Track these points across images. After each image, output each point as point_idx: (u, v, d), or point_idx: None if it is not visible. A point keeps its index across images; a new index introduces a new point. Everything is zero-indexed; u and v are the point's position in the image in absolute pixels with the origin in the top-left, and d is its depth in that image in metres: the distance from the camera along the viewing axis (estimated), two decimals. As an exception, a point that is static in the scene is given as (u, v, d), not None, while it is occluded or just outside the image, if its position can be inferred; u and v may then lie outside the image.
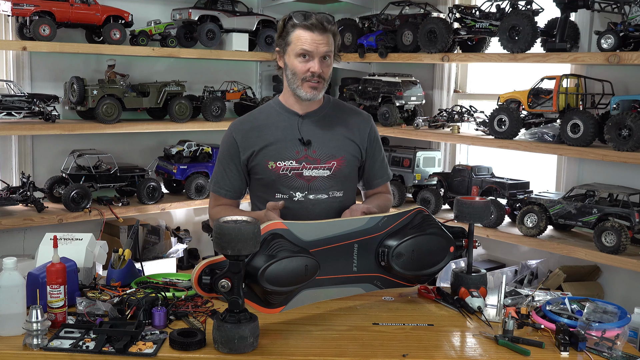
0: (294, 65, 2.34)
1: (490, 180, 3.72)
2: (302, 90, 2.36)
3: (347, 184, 2.48)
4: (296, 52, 2.32)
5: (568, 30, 3.35)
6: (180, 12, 4.17)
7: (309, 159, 2.40)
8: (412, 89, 4.12)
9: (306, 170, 2.39)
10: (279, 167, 2.39)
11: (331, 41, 2.34)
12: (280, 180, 2.40)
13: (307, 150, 2.40)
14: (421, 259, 2.16)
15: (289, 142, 2.41)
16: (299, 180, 2.40)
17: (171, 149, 4.17)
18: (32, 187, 3.63)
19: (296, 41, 2.31)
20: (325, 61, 2.34)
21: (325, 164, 2.41)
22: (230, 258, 1.75)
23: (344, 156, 2.44)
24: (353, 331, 1.96)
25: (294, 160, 2.39)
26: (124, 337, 1.79)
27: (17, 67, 3.79)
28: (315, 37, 2.29)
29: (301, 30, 2.30)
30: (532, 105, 3.45)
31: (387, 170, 2.63)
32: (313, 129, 2.43)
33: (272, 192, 2.42)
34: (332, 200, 2.43)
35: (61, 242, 2.22)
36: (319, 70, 2.32)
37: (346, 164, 2.44)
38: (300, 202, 2.40)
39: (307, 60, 2.32)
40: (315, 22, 2.28)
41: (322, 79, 2.35)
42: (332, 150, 2.43)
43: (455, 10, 3.79)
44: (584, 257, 3.18)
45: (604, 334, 1.87)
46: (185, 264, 4.25)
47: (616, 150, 3.05)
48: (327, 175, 2.42)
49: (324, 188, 2.42)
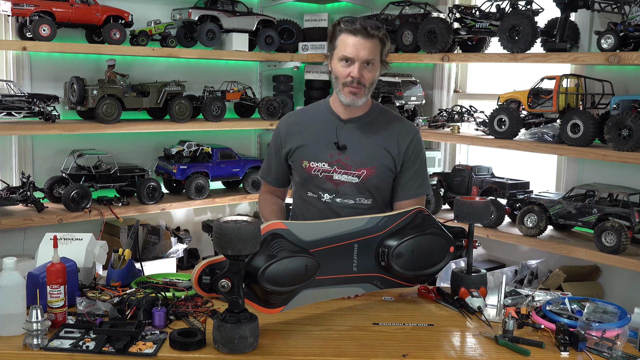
0: (337, 69, 2.36)
1: (490, 180, 3.72)
2: (342, 94, 2.36)
3: (377, 194, 2.45)
4: (339, 57, 2.33)
5: (568, 30, 3.36)
6: (180, 12, 4.16)
7: (341, 164, 2.41)
8: (412, 89, 4.12)
9: (336, 174, 2.41)
10: (311, 167, 2.43)
11: (376, 47, 2.32)
12: (311, 179, 2.45)
13: (341, 154, 2.41)
14: (421, 259, 2.16)
15: (324, 145, 2.42)
16: (328, 183, 2.43)
17: (171, 149, 4.17)
18: (32, 187, 3.63)
19: (340, 45, 2.33)
20: (367, 67, 2.32)
21: (356, 171, 2.40)
22: (231, 258, 1.75)
23: (375, 166, 2.41)
24: (353, 331, 1.96)
25: (326, 163, 2.41)
26: (124, 337, 1.79)
27: (17, 67, 3.78)
28: (358, 42, 2.29)
29: (345, 34, 2.31)
30: (532, 105, 3.45)
31: (414, 188, 2.46)
32: (351, 134, 2.43)
33: (304, 189, 2.49)
34: (359, 207, 2.43)
35: (61, 242, 2.22)
36: (358, 76, 2.30)
37: (376, 174, 2.41)
38: (328, 203, 2.44)
39: (349, 65, 2.32)
40: (358, 27, 2.28)
41: (362, 85, 2.33)
42: (365, 158, 2.41)
43: (455, 10, 3.79)
44: (584, 257, 3.18)
45: (604, 334, 1.87)
46: (185, 264, 4.24)
47: (616, 150, 3.05)
48: (356, 183, 2.41)
49: (351, 194, 2.42)
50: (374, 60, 2.33)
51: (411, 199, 2.46)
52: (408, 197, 2.46)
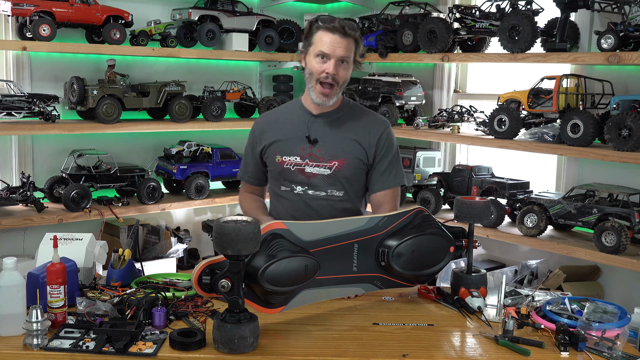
0: (312, 65, 2.41)
1: (490, 180, 3.72)
2: (314, 92, 2.43)
3: (349, 186, 2.49)
4: (315, 53, 2.39)
5: (568, 30, 3.35)
6: (180, 12, 4.16)
7: (313, 157, 2.47)
8: (412, 89, 4.12)
9: (308, 167, 2.47)
10: (284, 161, 2.49)
11: (351, 47, 2.38)
12: (284, 173, 2.51)
13: (313, 148, 2.47)
14: (421, 259, 2.16)
15: (297, 139, 2.49)
16: (300, 176, 2.48)
17: (171, 149, 4.17)
18: (32, 187, 3.63)
19: (317, 42, 2.38)
20: (342, 65, 2.39)
21: (327, 163, 2.46)
22: (231, 258, 1.75)
23: (346, 157, 2.46)
24: (353, 331, 1.96)
25: (298, 157, 2.48)
26: (124, 337, 1.79)
27: (17, 67, 3.78)
28: (335, 39, 2.35)
29: (323, 31, 2.37)
30: (532, 105, 3.45)
31: (390, 179, 2.51)
32: (322, 128, 2.49)
33: (278, 184, 2.55)
34: (331, 199, 2.48)
35: (61, 242, 2.22)
36: (334, 72, 2.37)
37: (347, 166, 2.46)
38: (300, 195, 2.49)
39: (324, 62, 2.38)
40: (337, 26, 2.35)
41: (335, 82, 2.39)
42: (336, 151, 2.46)
43: (455, 10, 3.79)
44: (584, 257, 3.18)
45: (604, 334, 1.87)
46: (185, 264, 4.24)
47: (616, 150, 3.05)
48: (327, 174, 2.46)
49: (323, 186, 2.47)
50: (349, 58, 2.40)
51: (388, 189, 2.51)
52: (385, 188, 2.51)
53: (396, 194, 2.54)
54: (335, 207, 2.47)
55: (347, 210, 2.48)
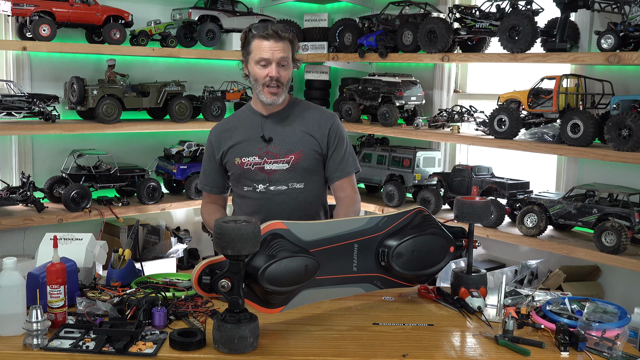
0: (255, 72, 2.54)
1: (490, 180, 3.72)
2: (263, 95, 2.55)
3: (308, 177, 2.62)
4: (255, 60, 2.52)
5: (568, 30, 3.35)
6: (180, 12, 4.17)
7: (270, 154, 2.59)
8: (412, 89, 4.12)
9: (267, 164, 2.58)
10: (243, 162, 2.61)
11: (287, 48, 2.52)
12: (245, 174, 2.62)
13: (269, 146, 2.59)
14: (421, 259, 2.16)
15: (253, 141, 2.61)
16: (261, 174, 2.60)
17: (171, 149, 4.17)
18: (32, 187, 3.63)
19: (255, 50, 2.51)
20: (282, 67, 2.52)
21: (284, 157, 2.58)
22: (230, 258, 1.75)
23: (302, 150, 2.59)
24: (353, 331, 1.97)
25: (256, 156, 2.59)
26: (124, 337, 1.80)
27: (17, 67, 3.79)
28: (272, 44, 2.48)
29: (258, 40, 2.50)
30: (532, 105, 3.45)
31: (348, 166, 2.67)
32: (275, 127, 2.62)
33: (240, 186, 2.66)
34: (292, 191, 2.60)
35: (61, 242, 2.22)
36: (277, 75, 2.50)
37: (304, 157, 2.59)
38: (262, 192, 2.60)
39: (265, 66, 2.51)
40: (270, 32, 2.47)
41: (280, 83, 2.53)
42: (291, 145, 2.59)
43: (455, 10, 3.79)
44: (584, 257, 3.18)
45: (604, 334, 1.87)
46: (185, 264, 4.25)
47: (616, 150, 3.05)
48: (286, 169, 2.58)
49: (283, 180, 2.59)
50: (287, 59, 2.53)
51: (347, 176, 2.67)
52: (344, 176, 2.66)
53: (354, 180, 2.72)
54: (296, 199, 2.59)
55: (307, 201, 2.62)
